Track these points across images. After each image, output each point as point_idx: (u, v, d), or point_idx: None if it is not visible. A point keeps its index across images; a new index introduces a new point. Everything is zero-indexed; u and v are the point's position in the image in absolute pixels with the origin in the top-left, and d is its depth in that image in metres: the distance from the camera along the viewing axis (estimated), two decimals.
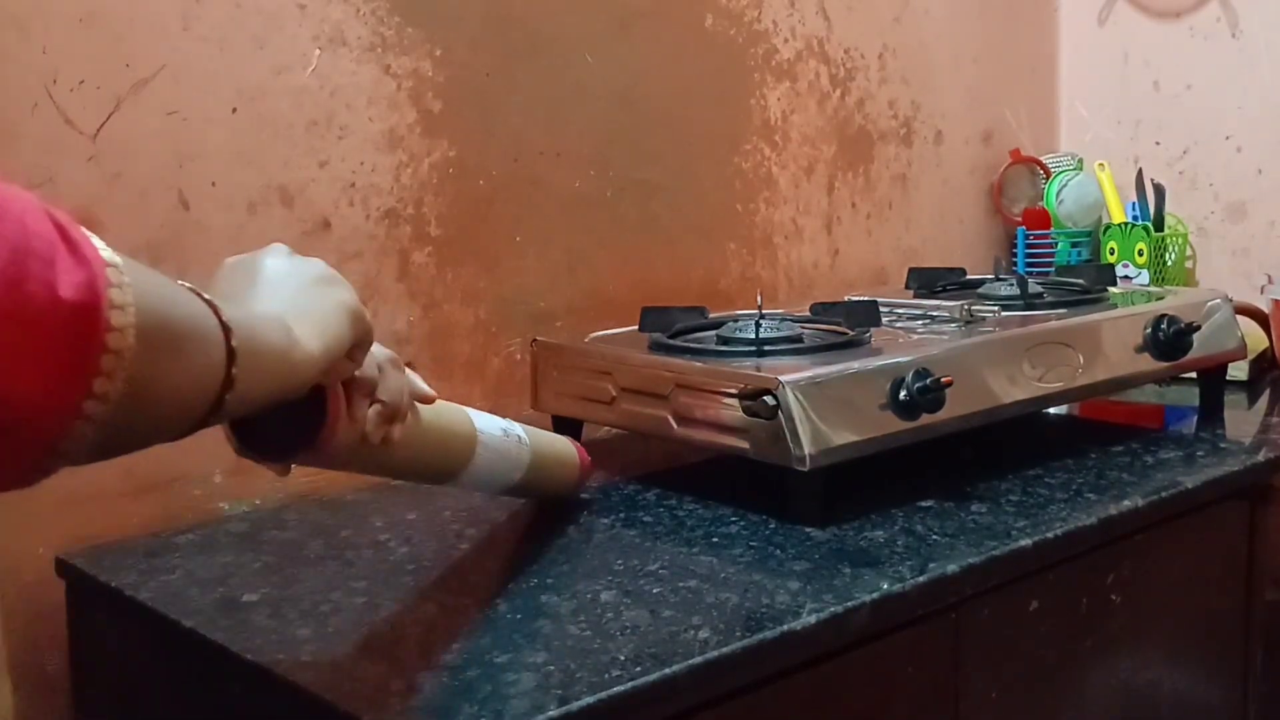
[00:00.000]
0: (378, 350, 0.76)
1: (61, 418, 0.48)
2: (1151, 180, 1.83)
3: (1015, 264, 1.87)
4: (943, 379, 1.05)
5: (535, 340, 1.29)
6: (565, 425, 1.29)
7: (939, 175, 1.83)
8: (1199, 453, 1.23)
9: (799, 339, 1.16)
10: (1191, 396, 1.43)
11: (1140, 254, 1.79)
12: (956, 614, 0.94)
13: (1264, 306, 1.60)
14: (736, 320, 1.22)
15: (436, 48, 1.28)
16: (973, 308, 1.25)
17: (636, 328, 1.26)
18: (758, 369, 1.06)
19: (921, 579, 0.89)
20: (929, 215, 1.82)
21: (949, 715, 0.95)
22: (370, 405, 0.75)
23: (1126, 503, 1.06)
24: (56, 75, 1.03)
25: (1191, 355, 1.29)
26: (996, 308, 1.31)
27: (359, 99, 1.22)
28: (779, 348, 1.13)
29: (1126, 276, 1.78)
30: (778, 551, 0.95)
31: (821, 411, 1.01)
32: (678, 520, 1.05)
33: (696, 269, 1.53)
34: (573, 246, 1.40)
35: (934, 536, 0.97)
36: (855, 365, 1.06)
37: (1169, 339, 1.27)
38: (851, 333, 1.18)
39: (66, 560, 1.01)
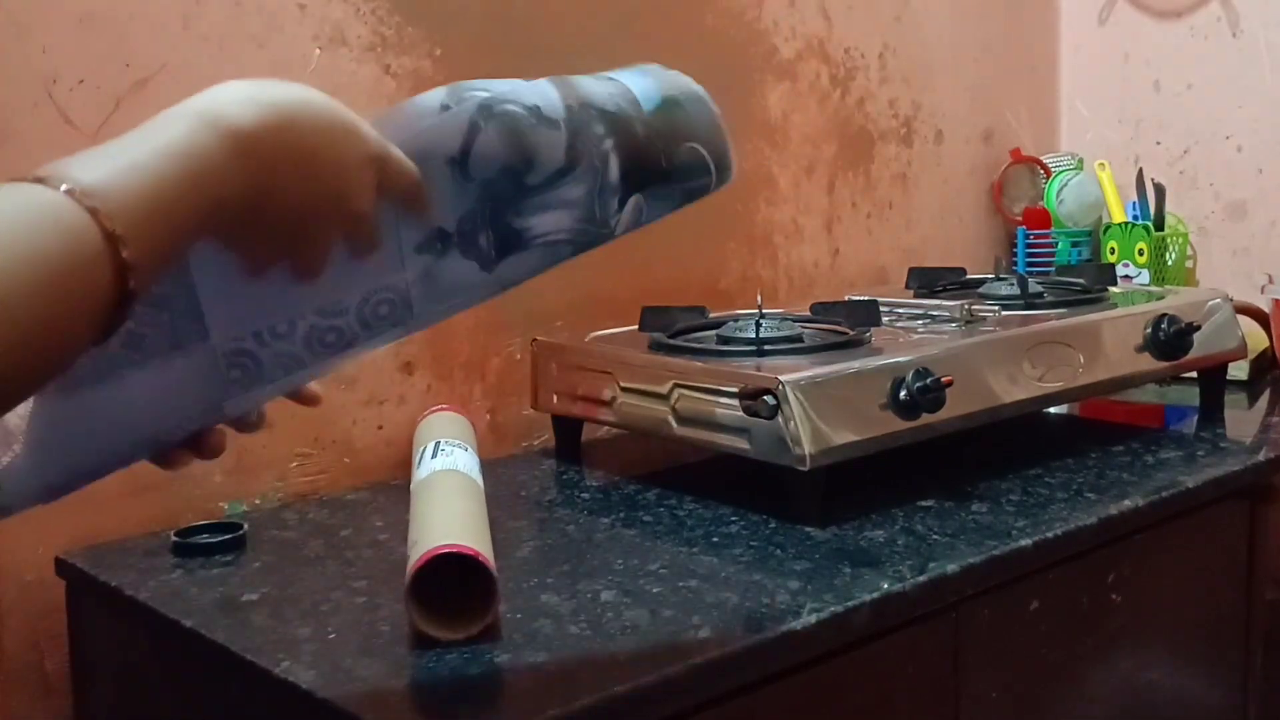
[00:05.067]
0: None
1: None
2: (1152, 180, 1.83)
3: (1015, 263, 1.87)
4: (943, 379, 1.05)
5: (535, 340, 1.29)
6: (565, 425, 1.29)
7: (939, 175, 1.83)
8: (1199, 452, 1.23)
9: (799, 339, 1.16)
10: (1191, 396, 1.43)
11: (1140, 253, 1.79)
12: (956, 614, 0.94)
13: (1264, 306, 1.60)
14: (736, 320, 1.22)
15: (436, 48, 1.27)
16: (973, 307, 1.25)
17: (636, 327, 1.26)
18: (758, 369, 1.06)
19: (921, 579, 0.89)
20: (929, 215, 1.82)
21: (949, 715, 0.95)
22: None
23: (1126, 502, 1.06)
24: (56, 75, 1.03)
25: (1192, 355, 1.29)
26: (997, 307, 1.31)
27: (359, 99, 1.22)
28: (779, 347, 1.13)
29: (1127, 276, 1.78)
30: (778, 551, 0.95)
31: (821, 411, 1.01)
32: (678, 520, 1.05)
33: (696, 269, 1.53)
34: None
35: (934, 536, 0.97)
36: (855, 365, 1.06)
37: (1169, 339, 1.27)
38: (851, 332, 1.18)
39: (66, 560, 1.01)
